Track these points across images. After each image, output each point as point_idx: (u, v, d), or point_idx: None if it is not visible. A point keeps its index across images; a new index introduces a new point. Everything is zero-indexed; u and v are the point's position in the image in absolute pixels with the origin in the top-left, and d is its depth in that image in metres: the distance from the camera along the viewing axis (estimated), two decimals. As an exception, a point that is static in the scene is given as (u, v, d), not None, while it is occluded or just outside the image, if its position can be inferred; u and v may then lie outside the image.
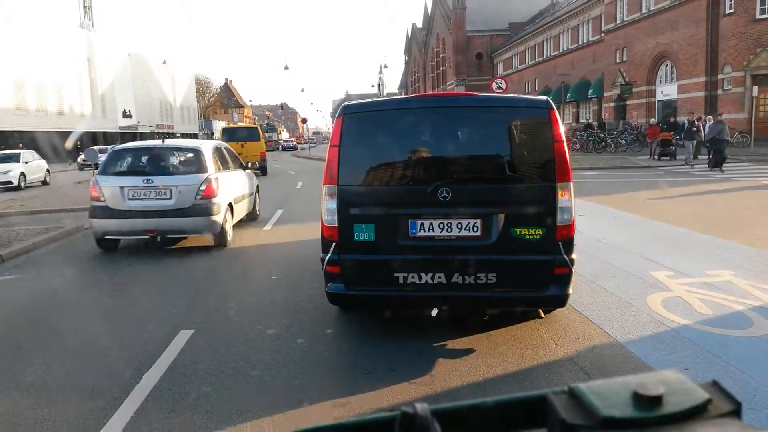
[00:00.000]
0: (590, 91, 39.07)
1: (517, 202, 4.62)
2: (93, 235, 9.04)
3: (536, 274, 4.59)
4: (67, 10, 49.28)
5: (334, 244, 4.70)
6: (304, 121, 45.10)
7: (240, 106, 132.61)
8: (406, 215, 4.63)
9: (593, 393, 0.54)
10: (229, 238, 9.18)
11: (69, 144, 42.79)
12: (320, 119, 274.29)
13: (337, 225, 4.69)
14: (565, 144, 4.56)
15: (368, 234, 4.66)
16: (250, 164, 11.73)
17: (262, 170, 21.96)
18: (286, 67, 51.03)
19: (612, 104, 36.28)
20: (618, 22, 35.51)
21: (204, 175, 8.80)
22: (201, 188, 8.66)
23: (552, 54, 49.09)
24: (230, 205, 9.33)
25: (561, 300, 4.62)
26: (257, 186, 12.02)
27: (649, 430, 0.50)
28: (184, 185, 8.67)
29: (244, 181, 10.75)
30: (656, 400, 0.52)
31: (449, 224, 4.58)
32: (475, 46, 65.70)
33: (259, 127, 27.86)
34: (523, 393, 0.58)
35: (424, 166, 4.78)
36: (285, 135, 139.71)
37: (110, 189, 8.66)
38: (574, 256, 4.57)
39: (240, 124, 52.51)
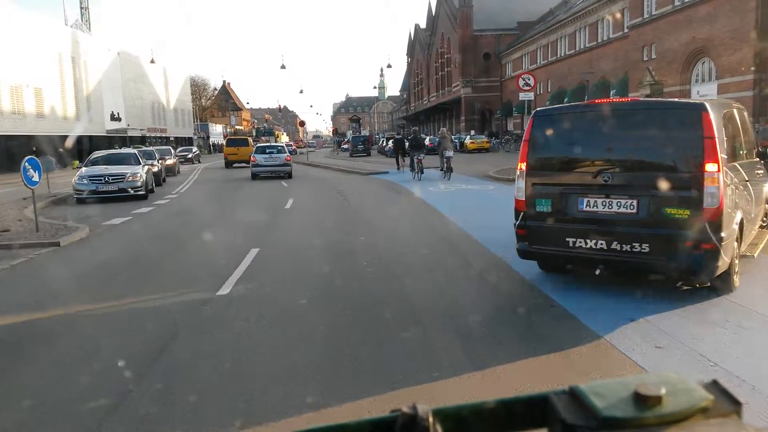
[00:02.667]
0: (612, 92, 35.89)
1: (670, 187, 5.45)
2: None
3: (683, 248, 5.37)
4: (62, 12, 46.21)
5: (522, 213, 6.33)
6: (301, 123, 42.06)
7: (238, 108, 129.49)
8: (576, 193, 6.02)
9: (594, 393, 0.54)
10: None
11: (69, 144, 41.28)
12: (320, 122, 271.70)
13: (524, 199, 6.31)
14: (716, 140, 5.31)
15: (547, 207, 6.16)
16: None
17: None
18: (283, 66, 47.93)
19: (638, 106, 33.03)
20: (645, 16, 32.38)
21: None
22: None
23: (567, 53, 45.99)
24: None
25: (705, 271, 5.39)
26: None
27: (649, 430, 0.50)
28: None
29: None
30: (656, 400, 0.52)
31: (610, 202, 5.82)
32: (482, 46, 62.64)
33: (249, 137, 38.46)
34: (524, 393, 0.59)
35: (592, 155, 6.15)
36: (285, 139, 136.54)
37: None
38: (723, 234, 5.28)
39: (237, 136, 54.18)
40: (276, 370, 4.52)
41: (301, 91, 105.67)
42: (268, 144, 31.55)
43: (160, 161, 23.27)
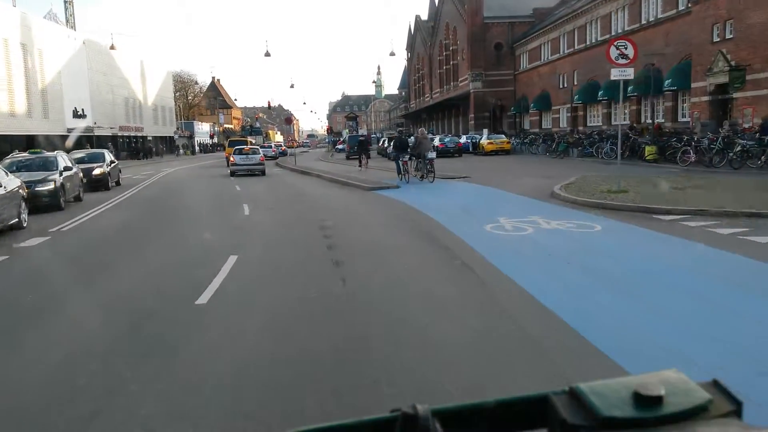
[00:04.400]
0: (667, 82, 29.40)
1: None
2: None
3: None
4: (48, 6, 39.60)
5: None
6: (288, 120, 35.61)
7: (228, 106, 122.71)
8: None
9: (594, 393, 0.54)
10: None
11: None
12: (315, 121, 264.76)
13: None
14: None
15: None
16: None
17: None
18: (267, 54, 41.42)
19: (706, 98, 26.55)
20: (714, -14, 25.85)
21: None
22: None
23: (598, 39, 39.44)
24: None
25: None
26: None
27: (649, 430, 0.50)
28: None
29: None
30: (657, 400, 0.52)
31: None
32: (494, 35, 56.11)
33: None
34: (524, 393, 0.59)
35: None
36: (279, 138, 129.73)
37: None
38: None
39: (239, 137, 51.17)
40: None
41: (292, 86, 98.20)
42: (244, 146, 31.93)
43: (65, 172, 16.62)
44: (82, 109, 49.55)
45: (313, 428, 0.55)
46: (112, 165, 23.60)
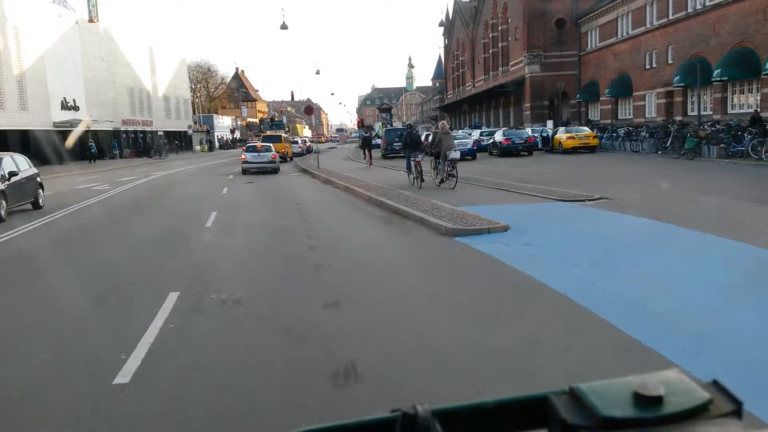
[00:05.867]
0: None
1: None
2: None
3: None
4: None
5: None
6: (309, 110, 28.02)
7: (252, 99, 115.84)
8: None
9: (594, 393, 0.54)
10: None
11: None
12: (344, 115, 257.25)
13: None
14: None
15: None
16: None
17: None
18: (284, 26, 33.90)
19: None
20: None
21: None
22: None
23: (706, 3, 30.62)
24: None
25: None
26: None
27: (649, 430, 0.50)
28: None
29: None
30: (657, 400, 0.52)
31: None
32: (554, 10, 47.45)
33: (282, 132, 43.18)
34: (523, 393, 0.59)
35: None
36: (307, 133, 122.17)
37: None
38: None
39: (271, 131, 50.24)
40: None
41: (318, 72, 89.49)
42: (273, 142, 31.74)
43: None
44: (73, 100, 42.57)
45: (313, 428, 0.55)
46: (18, 178, 14.03)
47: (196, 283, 6.73)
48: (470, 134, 33.75)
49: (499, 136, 29.75)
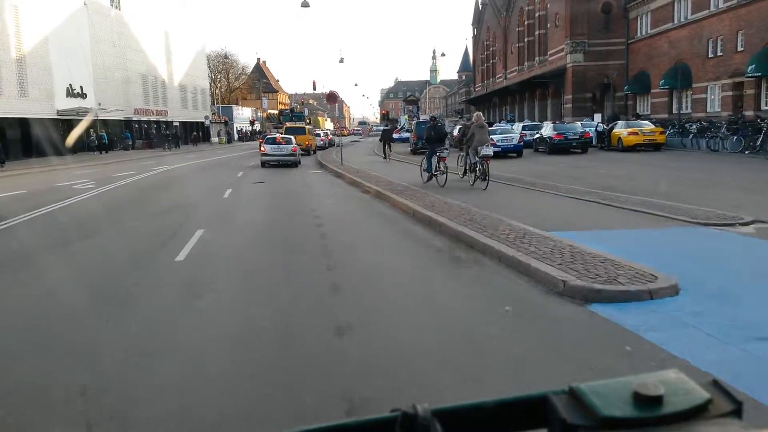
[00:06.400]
0: None
1: None
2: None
3: None
4: None
5: None
6: (331, 98, 24.70)
7: (273, 90, 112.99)
8: None
9: (594, 393, 0.54)
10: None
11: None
12: (367, 107, 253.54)
13: None
14: None
15: None
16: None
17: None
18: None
19: None
20: None
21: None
22: None
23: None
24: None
25: None
26: None
27: (649, 430, 0.50)
28: None
29: None
30: (656, 400, 0.52)
31: None
32: (599, -6, 43.44)
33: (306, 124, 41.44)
34: (523, 393, 0.59)
35: None
36: (329, 125, 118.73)
37: None
38: None
39: (293, 123, 42.82)
40: None
41: (342, 60, 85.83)
42: (278, 135, 29.32)
43: None
44: (81, 87, 39.74)
45: (314, 428, 0.54)
46: None
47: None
48: (512, 127, 29.95)
49: (548, 131, 26.07)
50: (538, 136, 27.16)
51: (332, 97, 24.65)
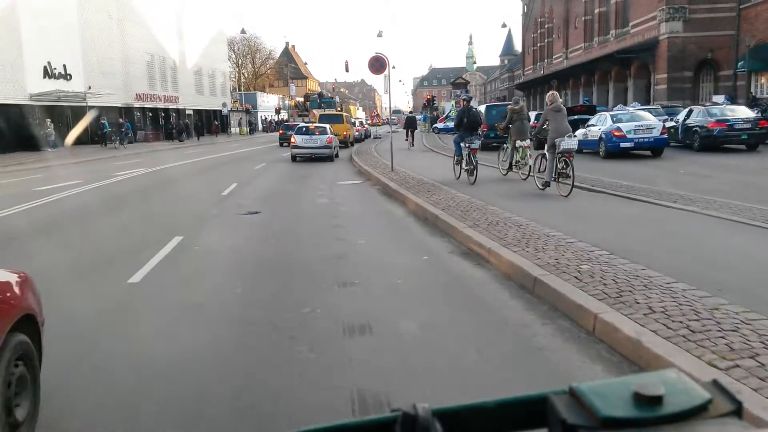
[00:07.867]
0: None
1: None
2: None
3: None
4: None
5: None
6: (376, 65, 16.78)
7: (303, 77, 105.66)
8: None
9: (594, 393, 0.54)
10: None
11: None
12: (401, 95, 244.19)
13: None
14: None
15: None
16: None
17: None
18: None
19: None
20: None
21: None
22: None
23: None
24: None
25: None
26: None
27: (649, 430, 0.50)
28: None
29: None
30: (656, 400, 0.52)
31: None
32: (701, -54, 34.51)
33: (343, 112, 37.44)
34: (523, 393, 0.59)
35: None
36: (361, 114, 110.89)
37: None
38: None
39: (329, 111, 40.27)
40: None
41: (380, 34, 77.50)
42: (311, 124, 26.34)
43: None
44: (63, 66, 32.67)
45: (313, 428, 0.54)
46: None
47: None
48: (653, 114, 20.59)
49: (699, 117, 17.70)
50: (676, 124, 18.80)
51: (379, 64, 16.68)
